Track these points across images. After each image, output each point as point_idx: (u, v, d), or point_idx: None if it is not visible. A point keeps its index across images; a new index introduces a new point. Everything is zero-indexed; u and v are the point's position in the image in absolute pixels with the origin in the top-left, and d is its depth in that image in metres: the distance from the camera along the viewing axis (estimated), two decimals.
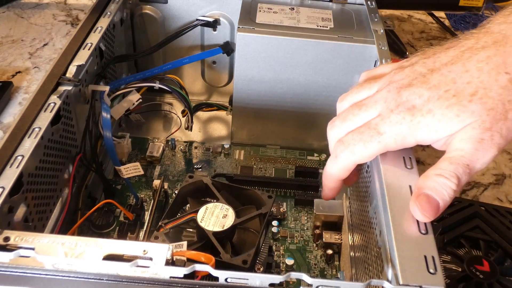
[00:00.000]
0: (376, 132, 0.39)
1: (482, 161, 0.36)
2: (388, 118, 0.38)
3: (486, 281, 0.49)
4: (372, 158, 0.40)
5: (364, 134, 0.40)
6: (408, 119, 0.38)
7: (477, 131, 0.36)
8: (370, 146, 0.39)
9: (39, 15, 0.98)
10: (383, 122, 0.39)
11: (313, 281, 0.34)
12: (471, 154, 0.36)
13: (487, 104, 0.36)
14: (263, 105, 0.66)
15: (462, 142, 0.36)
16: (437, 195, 0.36)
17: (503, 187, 0.69)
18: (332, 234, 0.56)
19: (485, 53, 0.37)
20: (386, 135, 0.38)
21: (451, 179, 0.36)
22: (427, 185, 0.37)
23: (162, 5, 0.70)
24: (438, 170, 0.37)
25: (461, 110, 0.36)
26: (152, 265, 0.35)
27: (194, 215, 0.48)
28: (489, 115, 0.36)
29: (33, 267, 0.34)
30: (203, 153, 0.68)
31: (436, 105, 0.37)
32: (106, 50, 0.62)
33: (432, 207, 0.36)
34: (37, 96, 0.49)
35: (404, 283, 0.33)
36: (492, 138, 0.36)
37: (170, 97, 0.76)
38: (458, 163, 0.36)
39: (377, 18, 0.65)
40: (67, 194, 0.52)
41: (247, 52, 0.62)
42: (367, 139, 0.39)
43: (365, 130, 0.40)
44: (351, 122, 0.41)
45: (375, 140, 0.39)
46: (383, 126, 0.39)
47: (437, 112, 0.37)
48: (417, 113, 0.37)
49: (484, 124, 0.36)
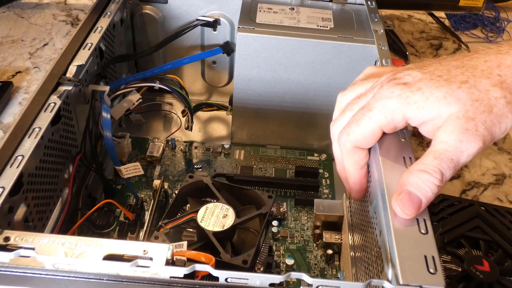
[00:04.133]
0: (367, 110, 0.40)
1: (466, 153, 0.36)
2: (379, 94, 0.39)
3: (486, 281, 0.49)
4: (369, 137, 0.40)
5: (357, 114, 0.40)
6: (397, 93, 0.38)
7: (461, 121, 0.36)
8: (362, 123, 0.40)
9: (39, 15, 0.98)
10: (374, 99, 0.40)
11: (313, 281, 0.34)
12: (455, 146, 0.36)
13: (474, 94, 0.36)
14: (263, 105, 0.66)
15: (446, 134, 0.36)
16: (419, 192, 0.36)
17: (503, 187, 0.69)
18: (332, 234, 0.56)
19: (484, 57, 0.39)
20: (376, 110, 0.39)
21: (434, 175, 0.36)
22: (409, 181, 0.37)
23: (162, 5, 0.70)
24: (422, 165, 0.37)
25: (448, 93, 0.36)
26: (152, 265, 0.35)
27: (194, 215, 0.48)
28: (473, 105, 0.36)
29: (33, 267, 0.34)
30: (203, 153, 0.68)
31: (427, 85, 0.37)
32: (106, 50, 0.62)
33: (413, 204, 0.36)
34: (37, 96, 0.49)
35: (404, 283, 0.33)
36: (476, 129, 0.36)
37: (170, 97, 0.76)
38: (442, 158, 0.36)
39: (377, 18, 0.65)
40: (67, 194, 0.52)
41: (247, 52, 0.62)
42: (359, 117, 0.40)
43: (359, 111, 0.41)
44: (351, 112, 0.42)
45: (366, 117, 0.39)
46: (374, 102, 0.39)
47: (426, 91, 0.37)
48: (407, 89, 0.38)
49: (468, 114, 0.36)
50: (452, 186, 0.68)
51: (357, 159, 0.43)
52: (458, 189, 0.68)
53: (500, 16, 1.07)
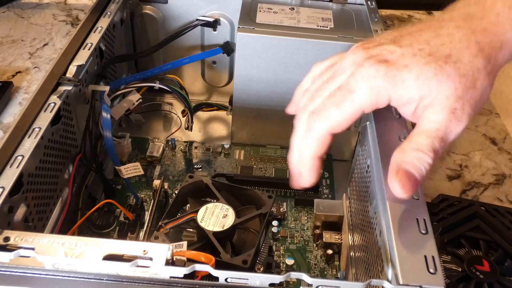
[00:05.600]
0: (348, 91, 0.36)
1: (455, 132, 0.36)
2: (360, 73, 0.36)
3: (486, 281, 0.49)
4: (349, 121, 0.37)
5: (336, 96, 0.37)
6: (383, 72, 0.35)
7: (450, 101, 0.35)
8: (344, 107, 0.36)
9: (39, 15, 0.98)
10: (354, 78, 0.36)
11: (313, 281, 0.34)
12: (445, 125, 0.35)
13: (460, 69, 0.35)
14: (263, 105, 0.66)
15: (436, 113, 0.35)
16: (415, 171, 0.35)
17: (503, 187, 0.69)
18: (332, 234, 0.56)
19: (454, 23, 0.37)
20: (359, 91, 0.36)
21: (428, 154, 0.35)
22: (405, 160, 0.35)
23: (162, 5, 0.70)
24: (415, 144, 0.36)
25: (438, 69, 0.35)
26: (152, 265, 0.35)
27: (194, 215, 0.48)
28: (461, 82, 0.35)
29: (33, 267, 0.34)
30: (203, 153, 0.68)
31: (413, 61, 0.36)
32: (106, 50, 0.62)
33: (411, 183, 0.35)
34: (37, 96, 0.49)
35: (404, 283, 0.33)
36: (463, 108, 0.35)
37: (170, 97, 0.76)
38: (434, 137, 0.35)
39: (377, 18, 0.65)
40: (67, 194, 0.52)
41: (247, 52, 0.62)
42: (339, 100, 0.36)
43: (336, 92, 0.37)
44: (321, 94, 0.39)
45: (348, 99, 0.36)
46: (355, 83, 0.36)
47: (414, 68, 0.35)
48: (392, 66, 0.35)
49: (457, 92, 0.35)
50: (452, 186, 0.68)
51: (326, 145, 0.38)
52: (458, 189, 0.68)
53: None
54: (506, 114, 0.82)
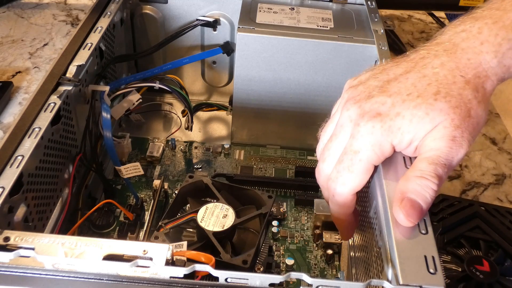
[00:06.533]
0: (353, 153, 0.38)
1: (456, 158, 0.37)
2: (359, 133, 0.38)
3: (486, 281, 0.49)
4: (365, 178, 0.39)
5: (344, 161, 0.39)
6: (378, 126, 0.37)
7: (448, 130, 0.36)
8: (355, 169, 0.39)
9: (39, 15, 0.98)
10: (355, 139, 0.38)
11: (313, 281, 0.34)
12: (446, 152, 0.36)
13: (452, 102, 0.37)
14: (263, 105, 0.66)
15: (436, 141, 0.36)
16: (420, 198, 0.36)
17: (503, 187, 0.69)
18: (332, 234, 0.56)
19: (438, 60, 0.39)
20: (364, 150, 0.38)
21: (432, 180, 0.36)
22: (409, 188, 0.36)
23: (162, 5, 0.70)
24: (418, 171, 0.36)
25: (429, 108, 0.36)
26: (152, 265, 0.35)
27: (194, 215, 0.48)
28: (455, 113, 0.36)
29: (33, 267, 0.34)
30: (203, 153, 0.68)
31: (403, 107, 0.37)
32: (106, 50, 0.62)
33: (416, 211, 0.36)
34: (37, 96, 0.49)
35: (404, 283, 0.33)
36: (462, 135, 0.36)
37: (170, 97, 0.76)
38: (437, 163, 0.36)
39: (377, 18, 0.65)
40: (67, 194, 0.52)
41: (247, 52, 0.62)
42: (348, 164, 0.39)
43: (343, 157, 0.39)
44: (331, 158, 0.41)
45: (356, 161, 0.38)
46: (357, 143, 0.38)
47: (405, 114, 0.37)
48: (385, 118, 0.37)
49: (454, 122, 0.36)
50: (452, 186, 0.68)
51: (352, 204, 0.42)
52: (458, 189, 0.68)
53: None
54: (506, 114, 0.82)
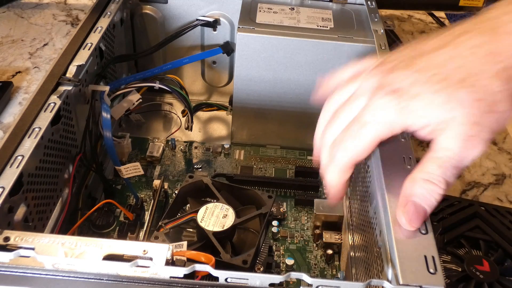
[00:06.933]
0: (362, 123, 0.37)
1: (470, 157, 0.35)
2: (373, 105, 0.36)
3: (486, 281, 0.49)
4: (368, 151, 0.38)
5: (352, 129, 0.38)
6: (394, 103, 0.35)
7: (465, 127, 0.34)
8: (360, 139, 0.37)
9: (39, 15, 0.98)
10: (368, 111, 0.37)
11: (313, 281, 0.34)
12: (459, 153, 0.34)
13: (476, 93, 0.34)
14: (263, 105, 0.66)
15: (449, 140, 0.34)
16: (425, 203, 0.35)
17: (503, 187, 0.69)
18: (332, 234, 0.56)
19: (477, 39, 0.35)
20: (373, 124, 0.36)
21: (439, 185, 0.35)
22: (415, 192, 0.35)
23: (162, 5, 0.70)
24: (425, 174, 0.35)
25: (449, 96, 0.34)
26: (152, 265, 0.35)
27: (194, 215, 0.48)
28: (477, 107, 0.34)
29: (33, 267, 0.34)
30: (203, 153, 0.68)
31: (424, 89, 0.35)
32: (106, 50, 0.62)
33: (419, 216, 0.35)
34: (37, 96, 0.49)
35: (404, 283, 0.33)
36: (480, 133, 0.34)
37: (170, 97, 0.76)
38: (446, 167, 0.35)
39: (377, 18, 0.65)
40: (67, 194, 0.52)
41: (247, 52, 0.62)
42: (355, 132, 0.37)
43: (352, 124, 0.38)
44: (339, 122, 0.39)
45: (363, 132, 0.37)
46: (368, 115, 0.37)
47: (424, 97, 0.35)
48: (403, 96, 0.35)
49: (473, 118, 0.34)
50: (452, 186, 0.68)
51: (349, 173, 0.40)
52: (458, 189, 0.68)
53: None
54: None
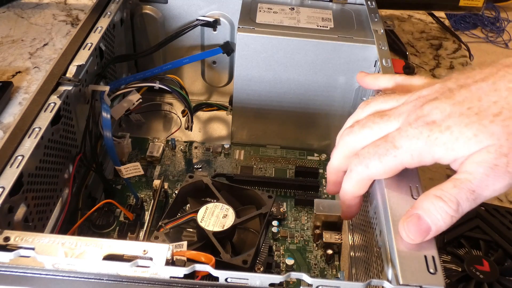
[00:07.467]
0: (392, 146, 0.37)
1: (492, 188, 0.34)
2: (406, 132, 0.37)
3: (486, 281, 0.49)
4: (389, 174, 0.38)
5: (380, 148, 0.38)
6: (426, 135, 0.36)
7: (492, 156, 0.33)
8: (386, 161, 0.37)
9: (39, 15, 0.98)
10: (400, 135, 0.37)
11: (313, 281, 0.34)
12: (480, 179, 0.34)
13: (510, 127, 0.33)
14: (263, 105, 0.66)
15: (473, 165, 0.34)
16: (429, 218, 0.34)
17: None
18: (332, 234, 0.56)
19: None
20: (403, 150, 0.36)
21: (449, 204, 0.34)
22: (422, 205, 0.35)
23: (162, 5, 0.70)
24: (439, 191, 0.35)
25: (480, 130, 0.34)
26: (152, 265, 0.35)
27: (194, 215, 0.48)
28: (508, 139, 0.33)
29: (33, 267, 0.34)
30: (203, 153, 0.68)
31: (456, 122, 0.35)
32: (106, 50, 0.62)
33: (419, 230, 0.35)
34: (37, 96, 0.49)
35: (404, 283, 0.33)
36: (507, 165, 0.33)
37: (170, 97, 0.76)
38: (462, 188, 0.34)
39: (377, 18, 0.65)
40: (67, 194, 0.52)
41: (247, 52, 0.62)
42: (382, 152, 0.37)
43: (381, 143, 0.38)
44: (369, 130, 0.39)
45: (391, 154, 0.37)
46: (400, 140, 0.37)
47: (455, 130, 0.35)
48: (436, 129, 0.35)
49: (501, 149, 0.33)
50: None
51: (365, 189, 0.40)
52: None
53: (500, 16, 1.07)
54: None
